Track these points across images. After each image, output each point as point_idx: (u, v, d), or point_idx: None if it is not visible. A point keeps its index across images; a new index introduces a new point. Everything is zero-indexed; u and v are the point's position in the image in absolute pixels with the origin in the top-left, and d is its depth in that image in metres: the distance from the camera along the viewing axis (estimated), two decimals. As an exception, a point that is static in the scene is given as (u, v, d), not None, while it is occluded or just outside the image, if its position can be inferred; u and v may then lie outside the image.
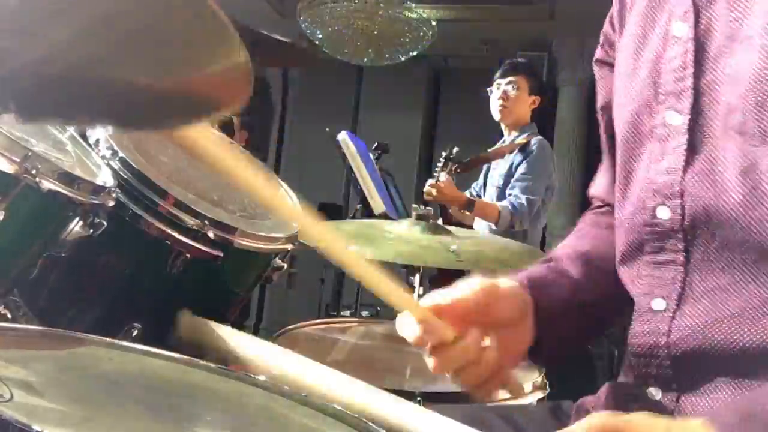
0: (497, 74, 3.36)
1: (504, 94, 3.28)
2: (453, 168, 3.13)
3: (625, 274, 0.84)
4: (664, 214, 0.76)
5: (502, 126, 3.39)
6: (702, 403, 0.73)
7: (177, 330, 0.97)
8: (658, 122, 0.78)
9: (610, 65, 0.94)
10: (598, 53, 0.98)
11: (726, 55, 0.73)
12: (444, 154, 3.18)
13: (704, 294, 0.73)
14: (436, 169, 3.16)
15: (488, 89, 3.37)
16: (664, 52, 0.79)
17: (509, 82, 3.29)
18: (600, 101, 0.99)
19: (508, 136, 3.36)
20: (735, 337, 0.71)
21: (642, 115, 0.80)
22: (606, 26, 0.96)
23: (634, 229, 0.80)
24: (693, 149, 0.74)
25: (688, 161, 0.74)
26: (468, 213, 3.16)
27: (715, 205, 0.72)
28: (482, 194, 3.40)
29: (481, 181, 3.47)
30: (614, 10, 0.93)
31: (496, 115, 3.34)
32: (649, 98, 0.79)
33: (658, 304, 0.77)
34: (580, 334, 0.96)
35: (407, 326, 0.76)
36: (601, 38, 0.98)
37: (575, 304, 0.90)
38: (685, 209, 0.74)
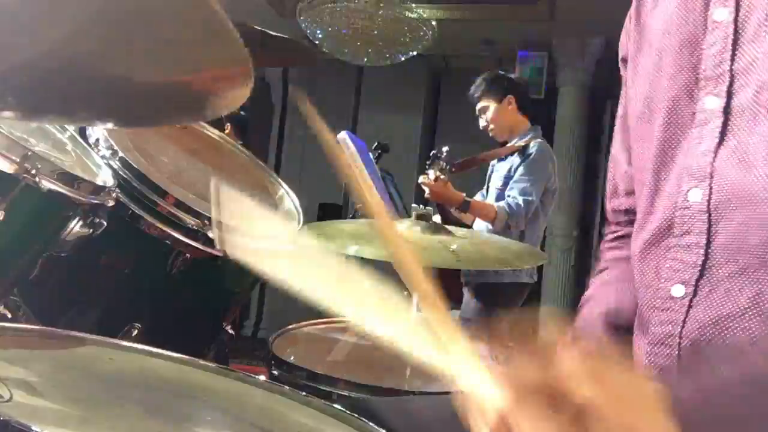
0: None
1: (484, 122, 3.31)
2: (447, 167, 3.13)
3: (650, 263, 0.84)
4: (695, 196, 0.77)
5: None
6: None
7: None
8: (699, 108, 0.78)
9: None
10: (623, 51, 0.97)
11: (763, 35, 0.74)
12: (433, 152, 3.20)
13: (720, 281, 0.74)
14: (427, 166, 3.17)
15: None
16: (703, 38, 0.79)
17: (479, 111, 3.32)
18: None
19: (510, 143, 3.38)
20: (746, 335, 0.71)
21: (681, 101, 0.81)
22: (627, 21, 0.96)
23: (667, 213, 0.80)
24: (726, 131, 0.75)
25: (721, 143, 0.75)
26: (465, 213, 3.16)
27: (740, 183, 0.73)
28: (485, 196, 3.41)
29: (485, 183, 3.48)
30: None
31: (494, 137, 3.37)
32: (690, 84, 0.80)
33: (678, 290, 0.78)
34: None
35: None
36: (623, 37, 0.97)
37: None
38: (713, 189, 0.75)
